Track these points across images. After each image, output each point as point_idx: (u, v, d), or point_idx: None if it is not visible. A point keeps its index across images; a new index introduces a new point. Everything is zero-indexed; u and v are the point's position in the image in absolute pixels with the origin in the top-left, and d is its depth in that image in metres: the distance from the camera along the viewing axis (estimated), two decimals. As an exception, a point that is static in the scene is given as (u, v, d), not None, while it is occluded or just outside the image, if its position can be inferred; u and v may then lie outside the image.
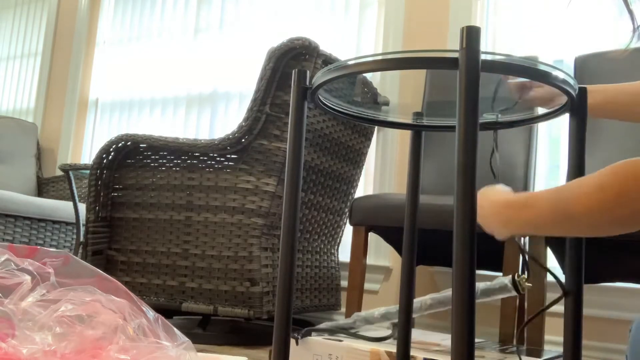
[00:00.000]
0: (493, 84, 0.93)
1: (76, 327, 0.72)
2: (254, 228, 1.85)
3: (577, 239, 0.81)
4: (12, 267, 0.75)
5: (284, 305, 0.81)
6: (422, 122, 0.99)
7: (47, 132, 3.44)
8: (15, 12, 3.80)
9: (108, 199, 2.07)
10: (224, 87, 2.87)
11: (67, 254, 0.80)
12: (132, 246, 2.03)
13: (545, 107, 0.93)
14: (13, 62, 3.74)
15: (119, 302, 0.76)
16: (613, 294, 1.91)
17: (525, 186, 1.92)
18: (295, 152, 0.83)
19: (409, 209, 0.98)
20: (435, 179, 2.05)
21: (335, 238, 2.26)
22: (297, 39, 1.83)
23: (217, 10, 2.98)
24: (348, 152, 2.16)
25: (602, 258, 1.57)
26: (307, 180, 2.00)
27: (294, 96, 0.84)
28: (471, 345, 0.62)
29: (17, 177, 3.16)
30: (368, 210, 1.74)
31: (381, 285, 2.31)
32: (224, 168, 1.91)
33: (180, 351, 0.75)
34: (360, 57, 0.72)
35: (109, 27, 3.36)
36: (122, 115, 3.21)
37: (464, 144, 0.64)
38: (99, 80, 3.35)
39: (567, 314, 0.81)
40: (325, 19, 2.65)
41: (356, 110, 0.94)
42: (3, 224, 2.59)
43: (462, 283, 0.62)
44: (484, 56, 0.67)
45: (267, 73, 1.84)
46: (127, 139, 2.00)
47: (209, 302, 1.87)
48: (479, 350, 1.33)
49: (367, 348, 1.21)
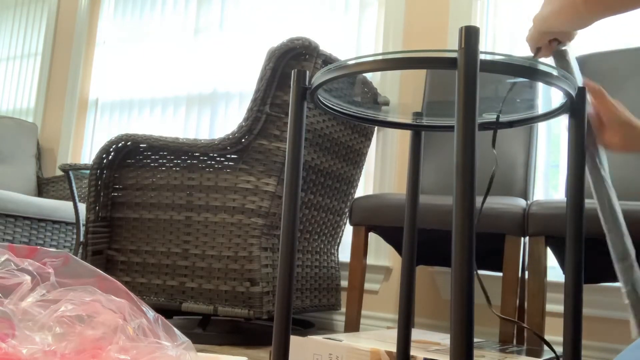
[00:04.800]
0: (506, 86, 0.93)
1: (76, 327, 0.72)
2: (254, 228, 1.85)
3: (577, 239, 0.81)
4: (12, 267, 0.75)
5: (284, 305, 0.81)
6: (422, 122, 0.99)
7: (47, 132, 3.44)
8: (15, 12, 3.80)
9: (108, 199, 2.07)
10: (224, 87, 2.87)
11: (67, 254, 0.80)
12: (132, 246, 2.03)
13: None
14: (13, 62, 3.74)
15: (119, 302, 0.76)
16: (613, 294, 1.91)
17: (525, 186, 1.92)
18: (295, 152, 0.84)
19: (409, 209, 0.98)
20: (435, 179, 2.05)
21: (335, 238, 2.26)
22: (297, 39, 1.83)
23: (217, 10, 2.98)
24: (348, 152, 2.16)
25: (602, 258, 1.57)
26: (307, 180, 2.00)
27: (294, 96, 0.84)
28: (470, 345, 0.62)
29: (17, 177, 3.16)
30: (368, 210, 1.74)
31: (381, 285, 2.31)
32: (224, 168, 1.91)
33: (180, 351, 0.75)
34: (360, 57, 0.72)
35: (109, 27, 3.37)
36: (122, 115, 3.21)
37: (463, 143, 0.64)
38: (99, 80, 3.35)
39: (567, 314, 0.81)
40: (325, 19, 2.65)
41: (356, 110, 0.94)
42: (3, 224, 2.59)
43: (462, 283, 0.62)
44: (483, 56, 0.67)
45: (267, 73, 1.84)
46: (127, 139, 2.00)
47: (209, 302, 1.87)
48: (478, 350, 1.33)
49: (367, 348, 1.21)
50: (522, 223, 1.54)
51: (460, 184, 0.64)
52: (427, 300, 2.22)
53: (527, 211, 1.53)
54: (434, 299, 2.21)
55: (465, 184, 0.64)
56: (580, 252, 0.80)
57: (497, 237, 1.57)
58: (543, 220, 1.49)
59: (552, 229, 1.48)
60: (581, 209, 0.81)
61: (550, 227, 1.48)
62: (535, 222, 1.50)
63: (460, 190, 0.64)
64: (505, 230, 1.55)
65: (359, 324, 1.75)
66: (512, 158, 1.96)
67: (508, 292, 1.54)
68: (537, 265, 1.50)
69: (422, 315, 2.20)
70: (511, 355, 1.30)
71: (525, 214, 1.54)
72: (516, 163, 1.95)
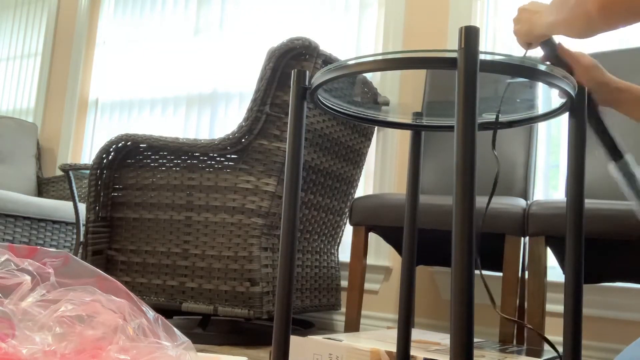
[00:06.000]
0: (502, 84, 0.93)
1: (76, 327, 0.72)
2: (254, 228, 1.85)
3: (577, 239, 0.81)
4: (12, 267, 0.75)
5: (284, 305, 0.81)
6: (422, 122, 0.99)
7: (47, 132, 3.44)
8: (15, 12, 3.80)
9: (108, 199, 2.07)
10: (224, 87, 2.87)
11: (67, 254, 0.80)
12: (132, 246, 2.03)
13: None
14: (13, 62, 3.74)
15: (119, 302, 0.76)
16: (613, 294, 1.91)
17: (525, 186, 1.92)
18: (295, 152, 0.84)
19: (409, 209, 0.98)
20: (435, 179, 2.05)
21: (335, 238, 2.26)
22: (297, 39, 1.83)
23: (217, 10, 2.98)
24: (348, 152, 2.16)
25: (602, 258, 1.57)
26: (307, 180, 2.00)
27: (294, 96, 0.84)
28: (470, 345, 0.62)
29: (17, 177, 3.16)
30: (368, 210, 1.74)
31: (381, 285, 2.31)
32: (224, 168, 1.91)
33: (180, 351, 0.75)
34: (360, 57, 0.72)
35: (109, 27, 3.36)
36: (122, 115, 3.21)
37: (463, 143, 0.64)
38: (99, 80, 3.35)
39: (567, 314, 0.81)
40: (325, 19, 2.65)
41: (356, 110, 0.94)
42: (3, 224, 2.59)
43: (462, 283, 0.62)
44: (483, 56, 0.67)
45: (267, 73, 1.84)
46: (127, 139, 2.00)
47: (209, 302, 1.87)
48: (478, 350, 1.33)
49: (367, 348, 1.21)
50: (522, 223, 1.54)
51: (460, 184, 0.64)
52: (427, 300, 2.22)
53: (527, 211, 1.53)
54: (434, 299, 2.21)
55: (465, 184, 0.64)
56: (580, 252, 0.80)
57: (497, 237, 1.57)
58: (543, 220, 1.49)
59: (552, 229, 1.48)
60: (581, 209, 0.81)
61: (550, 227, 1.48)
62: (535, 222, 1.50)
63: (460, 190, 0.64)
64: (505, 230, 1.55)
65: (359, 324, 1.75)
66: (512, 158, 1.96)
67: (508, 292, 1.54)
68: (537, 265, 1.50)
69: (422, 315, 2.21)
70: (511, 355, 1.30)
71: (525, 214, 1.54)
72: (516, 163, 1.95)
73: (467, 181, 0.64)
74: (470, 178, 0.64)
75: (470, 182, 0.64)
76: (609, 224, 1.40)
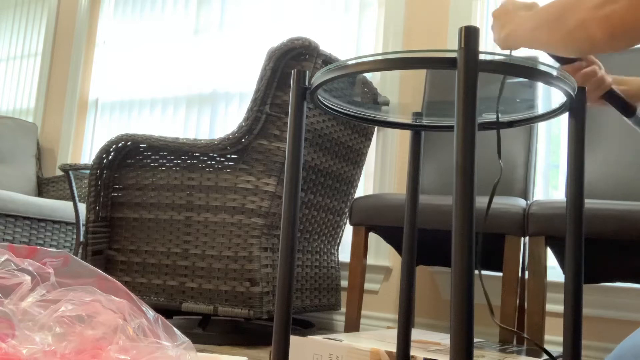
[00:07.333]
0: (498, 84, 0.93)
1: (76, 327, 0.72)
2: (254, 228, 1.85)
3: (577, 239, 0.81)
4: (12, 267, 0.75)
5: (284, 305, 0.81)
6: (422, 122, 0.99)
7: (47, 132, 3.44)
8: (15, 12, 3.80)
9: (108, 199, 2.07)
10: (224, 87, 2.87)
11: (67, 254, 0.80)
12: (132, 246, 2.03)
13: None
14: (13, 62, 3.74)
15: (119, 302, 0.76)
16: (613, 294, 1.91)
17: (525, 186, 1.92)
18: (295, 152, 0.84)
19: (409, 209, 0.98)
20: (435, 179, 2.05)
21: (335, 238, 2.26)
22: (297, 39, 1.83)
23: (217, 10, 2.98)
24: (348, 152, 2.16)
25: (602, 258, 1.57)
26: (307, 180, 2.00)
27: (293, 96, 0.84)
28: (470, 345, 0.62)
29: (17, 177, 3.16)
30: (368, 210, 1.74)
31: (381, 285, 2.31)
32: (224, 168, 1.91)
33: (180, 351, 0.75)
34: (360, 57, 0.72)
35: (109, 27, 3.37)
36: (122, 115, 3.21)
37: (463, 144, 0.64)
38: (99, 80, 3.35)
39: (567, 314, 0.81)
40: (325, 19, 2.65)
41: (356, 110, 0.94)
42: (3, 224, 2.59)
43: (462, 283, 0.62)
44: (483, 56, 0.67)
45: (267, 73, 1.84)
46: (127, 139, 2.00)
47: (209, 302, 1.87)
48: (478, 350, 1.33)
49: (367, 348, 1.21)
50: (522, 223, 1.54)
51: (460, 184, 0.64)
52: (427, 300, 2.22)
53: (527, 211, 1.53)
54: (434, 299, 2.21)
55: (465, 184, 0.64)
56: (580, 252, 0.80)
57: (497, 237, 1.57)
58: (543, 220, 1.49)
59: (552, 229, 1.48)
60: (581, 209, 0.82)
61: (550, 227, 1.48)
62: (535, 222, 1.50)
63: (460, 190, 0.64)
64: (505, 230, 1.55)
65: (359, 324, 1.75)
66: (512, 158, 1.96)
67: (508, 292, 1.54)
68: (537, 265, 1.50)
69: (422, 315, 2.21)
70: (511, 356, 1.30)
71: (525, 214, 1.54)
72: (516, 163, 1.95)
73: (467, 181, 0.64)
74: (470, 178, 0.64)
75: (470, 182, 0.64)
76: (609, 224, 1.40)
